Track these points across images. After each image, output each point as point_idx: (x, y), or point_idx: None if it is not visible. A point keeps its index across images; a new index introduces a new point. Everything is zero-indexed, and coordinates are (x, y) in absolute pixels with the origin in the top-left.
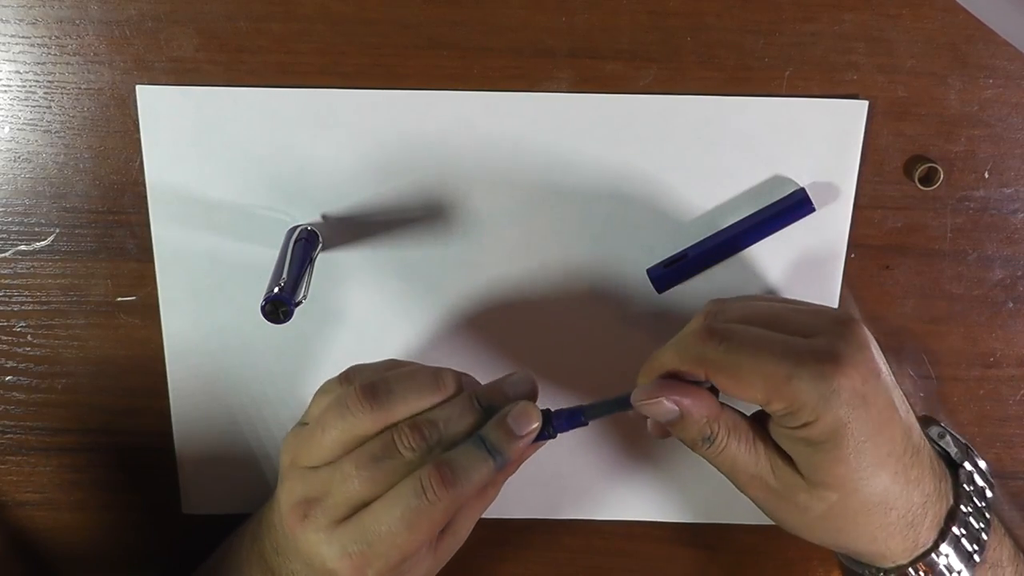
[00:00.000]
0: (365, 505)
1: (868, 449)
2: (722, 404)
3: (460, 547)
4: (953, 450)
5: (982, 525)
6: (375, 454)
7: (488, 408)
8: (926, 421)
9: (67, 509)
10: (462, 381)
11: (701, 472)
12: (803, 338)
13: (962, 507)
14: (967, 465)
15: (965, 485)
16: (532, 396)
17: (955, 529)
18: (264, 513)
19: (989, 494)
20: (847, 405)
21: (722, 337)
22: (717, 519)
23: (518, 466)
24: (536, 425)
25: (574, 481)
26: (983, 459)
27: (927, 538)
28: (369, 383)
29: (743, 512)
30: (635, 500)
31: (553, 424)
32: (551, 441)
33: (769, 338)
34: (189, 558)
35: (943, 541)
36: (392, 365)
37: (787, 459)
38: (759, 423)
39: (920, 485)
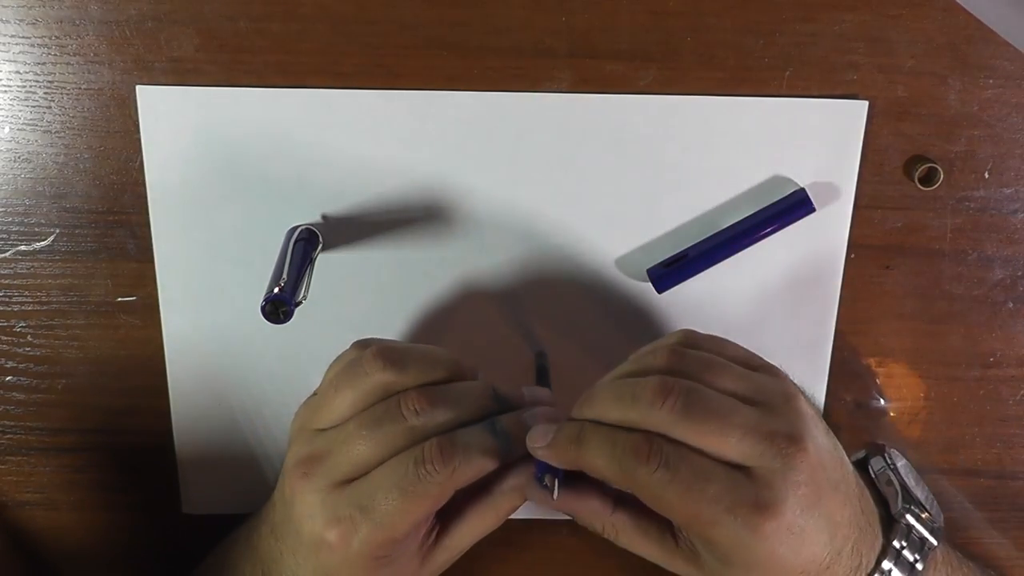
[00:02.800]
0: (366, 472)
1: (782, 571)
2: (617, 501)
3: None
4: (897, 496)
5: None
6: (379, 416)
7: (502, 407)
8: (876, 452)
9: (67, 509)
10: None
11: None
12: (741, 472)
13: (884, 564)
14: (907, 518)
15: (895, 542)
16: (550, 408)
17: None
18: (263, 509)
19: (933, 542)
20: (767, 551)
21: (660, 462)
22: None
23: (523, 496)
24: (551, 436)
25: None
26: (928, 507)
27: None
28: (386, 346)
29: None
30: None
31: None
32: None
33: (706, 473)
34: (189, 558)
35: None
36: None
37: (691, 557)
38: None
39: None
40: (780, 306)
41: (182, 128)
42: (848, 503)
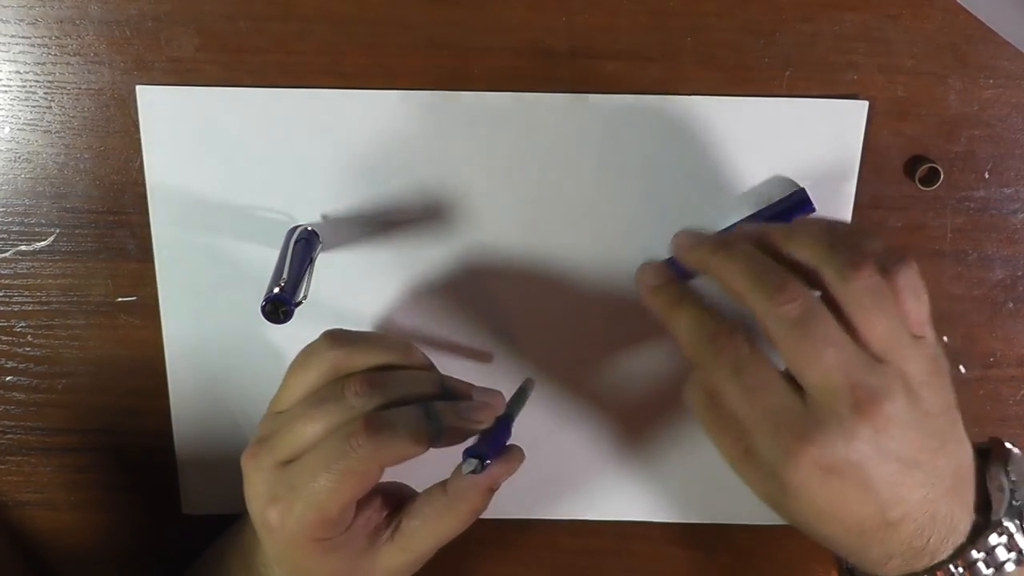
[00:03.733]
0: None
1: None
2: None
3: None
4: (1002, 504)
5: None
6: (322, 396)
7: (448, 399)
8: (998, 454)
9: (67, 509)
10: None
11: (700, 472)
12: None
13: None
14: (1009, 524)
15: (973, 552)
16: (496, 407)
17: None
18: None
19: (1012, 567)
20: (799, 481)
21: (794, 305)
22: (716, 519)
23: (481, 498)
24: (483, 421)
25: (573, 481)
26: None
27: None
28: (339, 329)
29: (742, 512)
30: (634, 500)
31: (483, 454)
32: (551, 440)
33: (770, 384)
34: (189, 558)
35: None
36: None
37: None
38: None
39: (913, 521)
40: None
41: (182, 128)
42: (926, 483)
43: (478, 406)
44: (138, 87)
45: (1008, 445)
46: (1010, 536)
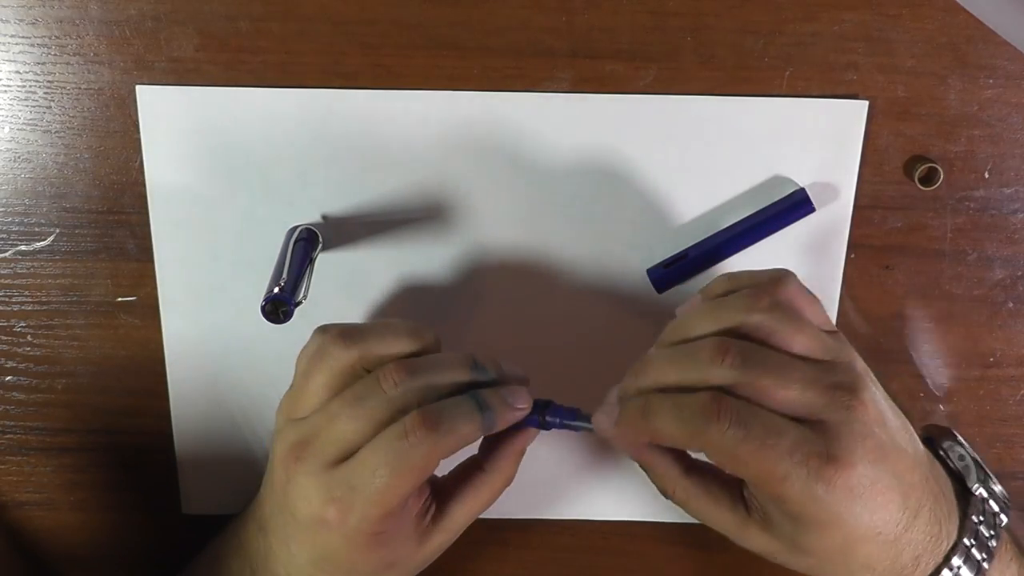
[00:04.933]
0: (355, 451)
1: (857, 530)
2: (689, 467)
3: (452, 546)
4: (971, 471)
5: (985, 556)
6: (360, 392)
7: (482, 375)
8: (940, 433)
9: (67, 509)
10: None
11: None
12: (807, 426)
13: (965, 540)
14: (981, 491)
15: (974, 517)
16: (525, 382)
17: (955, 560)
18: (249, 508)
19: (1004, 519)
20: (840, 505)
21: (731, 420)
22: None
23: (514, 466)
24: (527, 405)
25: (574, 481)
26: (997, 483)
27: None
28: (345, 327)
29: None
30: (634, 500)
31: (547, 414)
32: (551, 440)
33: (777, 427)
34: (189, 558)
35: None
36: None
37: (764, 523)
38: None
39: (911, 546)
40: None
41: (182, 128)
42: (917, 467)
43: (518, 392)
44: (138, 87)
45: (941, 425)
46: (987, 501)
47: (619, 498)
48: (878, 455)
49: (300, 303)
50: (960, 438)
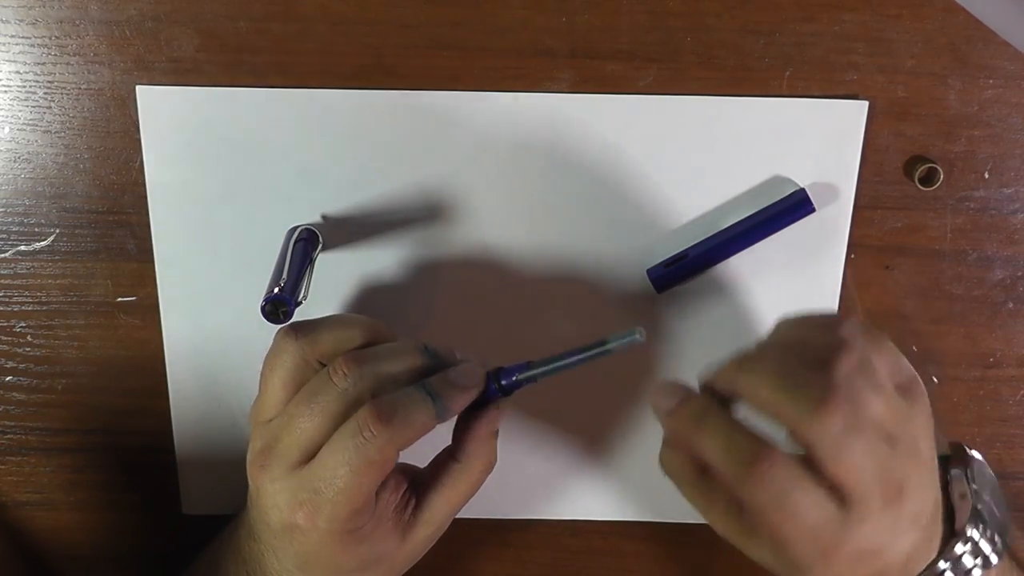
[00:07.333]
0: (317, 450)
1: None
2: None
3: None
4: (963, 512)
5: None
6: (313, 390)
7: (435, 363)
8: (957, 459)
9: (67, 509)
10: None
11: None
12: (838, 501)
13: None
14: (972, 532)
15: (956, 549)
16: (479, 365)
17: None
18: (241, 513)
19: (993, 559)
20: (842, 565)
21: (771, 488)
22: None
23: (489, 450)
24: (478, 383)
25: (572, 481)
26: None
27: None
28: (297, 322)
29: None
30: (634, 500)
31: (502, 380)
32: (551, 442)
33: (809, 507)
34: (189, 558)
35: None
36: None
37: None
38: None
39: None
40: (780, 306)
41: (182, 128)
42: (924, 547)
43: (466, 370)
44: (138, 87)
45: (969, 451)
46: (975, 544)
47: (619, 498)
48: (885, 541)
49: (300, 303)
50: (972, 470)
